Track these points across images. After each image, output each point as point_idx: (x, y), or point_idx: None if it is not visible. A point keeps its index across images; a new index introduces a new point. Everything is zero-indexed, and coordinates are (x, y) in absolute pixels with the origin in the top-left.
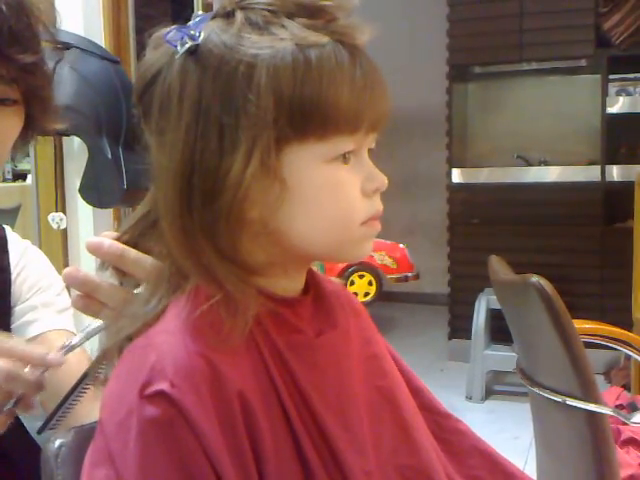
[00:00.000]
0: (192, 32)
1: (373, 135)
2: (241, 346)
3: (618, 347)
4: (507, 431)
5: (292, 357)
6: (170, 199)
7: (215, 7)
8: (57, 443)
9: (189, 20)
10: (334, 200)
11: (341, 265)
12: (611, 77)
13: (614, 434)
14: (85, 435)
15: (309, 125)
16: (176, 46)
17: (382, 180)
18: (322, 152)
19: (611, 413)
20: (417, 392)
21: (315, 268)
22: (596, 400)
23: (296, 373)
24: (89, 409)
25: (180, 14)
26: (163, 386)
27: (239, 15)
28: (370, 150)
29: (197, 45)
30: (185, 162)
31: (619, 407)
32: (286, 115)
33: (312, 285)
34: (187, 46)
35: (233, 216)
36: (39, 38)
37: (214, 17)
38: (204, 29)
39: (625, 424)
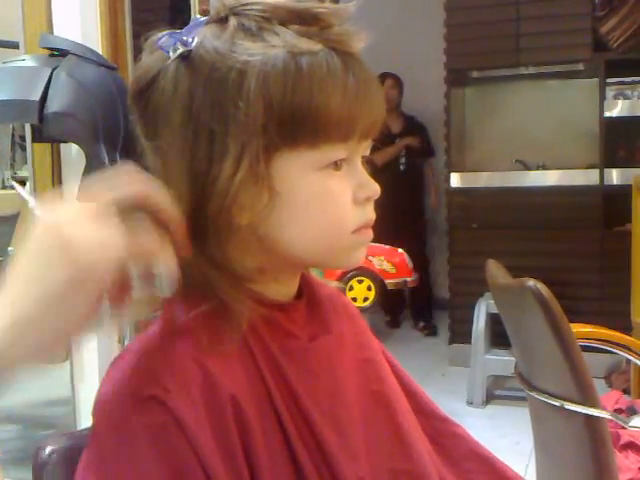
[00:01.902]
0: (184, 38)
1: (367, 142)
2: (234, 351)
3: (617, 351)
4: (508, 436)
5: (285, 362)
6: None
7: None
8: (48, 449)
9: (186, 25)
10: (324, 208)
11: (339, 270)
12: (609, 81)
13: (613, 438)
14: (77, 441)
15: (299, 133)
16: (168, 52)
17: (374, 188)
18: (313, 160)
19: (609, 417)
20: (413, 396)
21: (312, 272)
22: (594, 404)
23: (289, 378)
24: None
25: (177, 20)
26: (156, 391)
27: (232, 21)
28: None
29: (189, 51)
30: (176, 167)
31: (618, 411)
32: (275, 123)
33: (306, 289)
34: (179, 52)
35: (221, 222)
36: None
37: (208, 22)
38: (198, 34)
39: (624, 428)
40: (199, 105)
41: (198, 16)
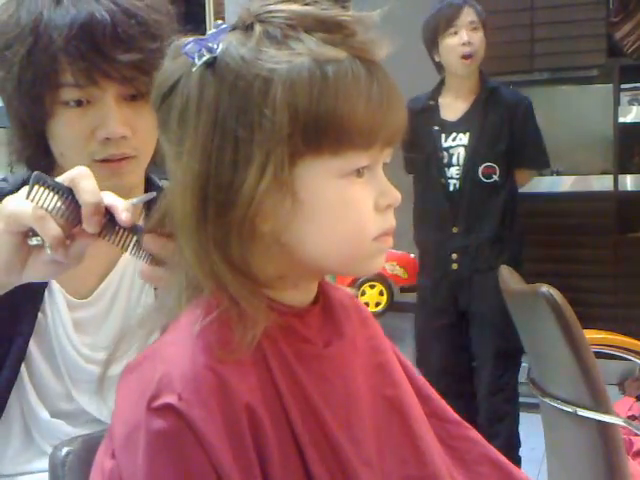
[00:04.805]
0: (210, 44)
1: (388, 150)
2: (249, 357)
3: (630, 357)
4: (522, 442)
5: (300, 368)
6: (186, 210)
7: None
8: (64, 451)
9: (202, 33)
10: (346, 215)
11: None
12: (623, 86)
13: (626, 445)
14: (93, 443)
15: (323, 140)
16: (194, 58)
17: (395, 196)
18: (336, 167)
19: (622, 424)
20: (427, 400)
21: (325, 276)
22: (607, 410)
23: (304, 384)
24: None
25: (192, 28)
26: (171, 399)
27: (258, 28)
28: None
29: (215, 57)
30: (201, 173)
31: (631, 418)
32: (301, 130)
33: (320, 294)
34: (204, 59)
35: (245, 229)
36: (151, 33)
37: (233, 29)
38: (223, 41)
39: (637, 435)
40: (225, 112)
41: (219, 22)
